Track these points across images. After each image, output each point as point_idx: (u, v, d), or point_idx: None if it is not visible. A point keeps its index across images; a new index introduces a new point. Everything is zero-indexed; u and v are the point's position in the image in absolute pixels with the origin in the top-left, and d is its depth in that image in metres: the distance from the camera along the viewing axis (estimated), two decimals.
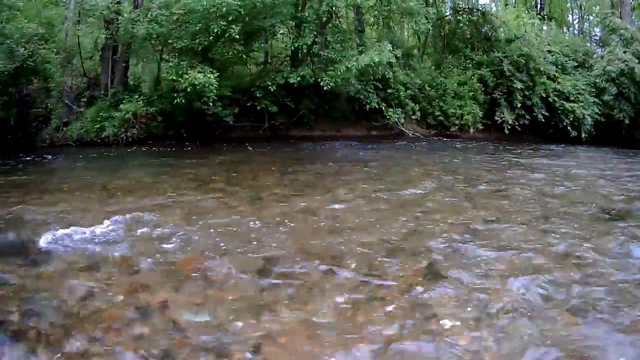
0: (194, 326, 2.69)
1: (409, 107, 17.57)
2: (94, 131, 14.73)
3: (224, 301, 3.02)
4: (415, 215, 5.39)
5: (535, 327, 2.68)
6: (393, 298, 3.07)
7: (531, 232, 4.66)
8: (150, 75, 17.08)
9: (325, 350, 2.44)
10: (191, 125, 15.15)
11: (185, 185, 7.14)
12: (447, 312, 2.86)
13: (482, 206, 5.93)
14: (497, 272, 3.50)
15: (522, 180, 8.43)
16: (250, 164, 10.17)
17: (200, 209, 5.39)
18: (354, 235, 4.49)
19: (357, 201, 6.23)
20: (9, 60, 13.83)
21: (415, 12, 17.46)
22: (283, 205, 5.84)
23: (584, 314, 2.89)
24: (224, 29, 12.64)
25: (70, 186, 7.56)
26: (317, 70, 15.02)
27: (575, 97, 20.70)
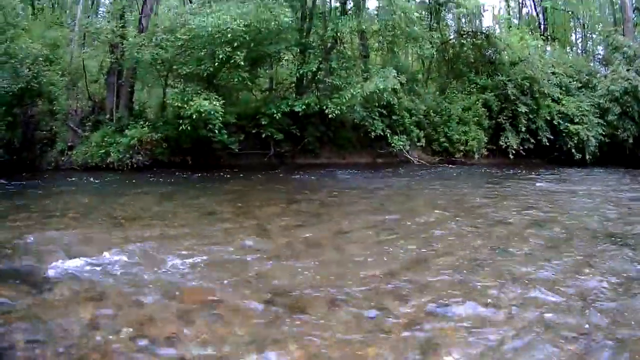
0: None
1: (414, 134, 17.69)
2: (99, 156, 14.78)
3: (231, 334, 2.97)
4: (417, 245, 5.35)
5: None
6: (398, 331, 3.03)
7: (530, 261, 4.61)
8: (156, 101, 17.10)
9: None
10: (197, 152, 15.22)
11: (191, 215, 7.10)
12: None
13: (485, 235, 5.87)
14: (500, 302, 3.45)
15: (519, 204, 8.52)
16: (256, 193, 10.18)
17: (206, 240, 5.33)
18: (357, 268, 4.44)
19: (361, 232, 6.19)
20: (13, 81, 14.04)
21: (420, 37, 17.69)
22: (289, 234, 5.81)
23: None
24: (229, 55, 12.73)
25: (76, 213, 7.55)
26: (322, 97, 15.18)
27: (580, 119, 20.79)
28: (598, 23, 32.72)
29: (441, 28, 22.05)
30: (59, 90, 16.05)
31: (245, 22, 12.54)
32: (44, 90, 15.21)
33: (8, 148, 14.78)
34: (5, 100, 14.33)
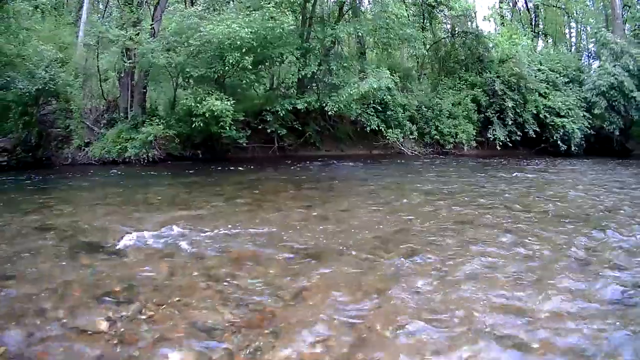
0: (252, 287, 3.95)
1: (407, 128, 18.96)
2: (116, 151, 15.93)
3: (270, 272, 4.27)
4: (396, 218, 6.75)
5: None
6: (383, 269, 4.38)
7: (492, 232, 5.92)
8: (167, 100, 18.27)
9: (343, 296, 3.67)
10: (207, 146, 16.43)
11: (218, 200, 8.40)
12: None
13: (453, 213, 7.22)
14: (450, 262, 4.73)
15: (495, 191, 9.79)
16: (267, 182, 11.45)
17: (235, 217, 6.63)
18: (355, 233, 5.81)
19: (358, 210, 7.58)
20: (30, 82, 14.85)
21: (412, 38, 18.88)
22: (298, 215, 7.15)
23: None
24: (238, 59, 13.93)
25: (115, 200, 8.75)
26: (322, 95, 16.40)
27: (566, 112, 22.09)
28: (590, 19, 33.53)
29: (434, 28, 23.27)
30: (74, 91, 17.15)
31: (252, 30, 13.77)
32: (60, 91, 16.11)
33: (25, 145, 15.50)
34: (22, 100, 15.11)
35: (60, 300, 3.69)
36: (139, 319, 3.35)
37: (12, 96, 15.15)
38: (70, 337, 3.09)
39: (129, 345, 2.98)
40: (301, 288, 3.90)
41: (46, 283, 4.09)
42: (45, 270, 4.49)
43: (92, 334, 3.14)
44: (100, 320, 3.33)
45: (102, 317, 3.37)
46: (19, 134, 15.43)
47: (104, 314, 3.43)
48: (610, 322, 3.21)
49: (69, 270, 4.47)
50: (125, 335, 3.10)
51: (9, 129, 15.50)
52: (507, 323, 3.21)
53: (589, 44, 33.14)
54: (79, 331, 3.18)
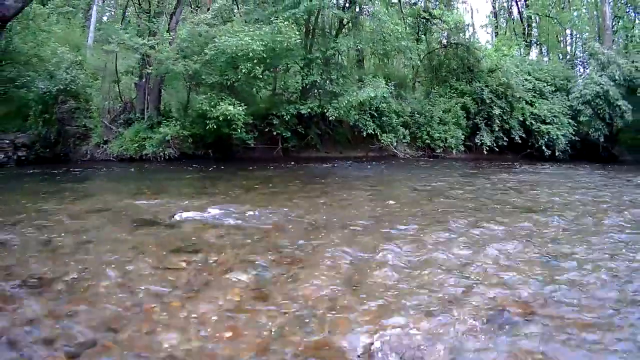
0: (282, 244, 5.51)
1: (401, 132, 20.39)
2: (133, 149, 17.26)
3: (293, 236, 5.83)
4: (388, 205, 8.37)
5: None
6: (375, 236, 5.94)
7: (459, 216, 7.50)
8: (180, 103, 19.67)
9: (345, 249, 5.21)
10: (217, 146, 17.75)
11: (239, 190, 10.01)
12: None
13: (433, 203, 8.85)
14: (421, 231, 6.29)
15: (471, 188, 11.37)
16: (277, 178, 13.03)
17: (258, 204, 8.19)
18: (351, 210, 7.41)
19: (356, 200, 9.20)
20: (50, 82, 15.94)
21: (408, 49, 20.48)
22: (308, 200, 8.77)
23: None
24: (250, 69, 15.46)
25: (150, 190, 10.25)
26: (323, 101, 17.94)
27: (551, 120, 23.10)
28: (586, 27, 34.98)
29: (427, 40, 24.77)
30: (94, 92, 18.57)
31: (263, 42, 15.34)
32: (80, 92, 17.11)
33: (44, 142, 16.45)
34: (43, 99, 16.16)
35: (142, 254, 5.15)
36: (207, 261, 4.90)
37: (33, 95, 16.30)
38: (161, 272, 4.60)
39: (205, 274, 4.52)
40: (316, 245, 5.50)
41: (124, 245, 5.52)
42: (118, 237, 5.94)
43: (176, 269, 4.67)
44: (179, 261, 4.86)
45: (180, 260, 4.91)
46: (38, 131, 16.36)
47: (180, 259, 4.97)
48: (537, 272, 4.78)
49: (139, 236, 5.96)
50: (200, 270, 4.63)
51: (29, 126, 16.46)
52: (449, 262, 4.81)
53: (582, 53, 33.88)
54: (166, 268, 4.69)
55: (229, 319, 3.45)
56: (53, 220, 6.90)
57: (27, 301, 3.74)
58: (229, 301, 3.80)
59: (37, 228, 6.25)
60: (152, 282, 4.25)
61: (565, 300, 3.86)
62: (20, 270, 4.48)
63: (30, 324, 3.32)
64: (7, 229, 6.17)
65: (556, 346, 3.06)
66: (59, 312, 3.55)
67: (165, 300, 3.81)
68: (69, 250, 5.28)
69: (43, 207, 7.97)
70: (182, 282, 4.28)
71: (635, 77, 23.17)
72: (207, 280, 4.30)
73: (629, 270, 4.67)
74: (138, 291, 4.01)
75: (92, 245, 5.55)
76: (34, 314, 3.50)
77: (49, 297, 3.85)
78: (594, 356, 2.94)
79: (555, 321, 3.43)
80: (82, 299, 3.82)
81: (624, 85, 23.18)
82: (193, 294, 3.95)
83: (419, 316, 3.47)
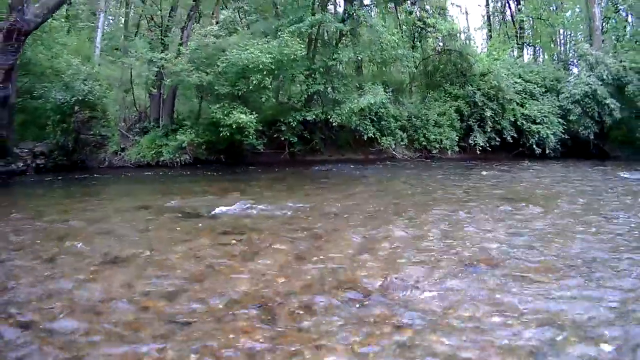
0: (306, 226, 6.90)
1: (399, 135, 21.68)
2: (150, 156, 18.32)
3: (312, 222, 7.22)
4: (389, 198, 9.82)
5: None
6: (380, 219, 7.34)
7: (446, 202, 8.93)
8: (191, 112, 20.91)
9: (357, 229, 6.61)
10: (229, 152, 18.91)
11: (259, 189, 11.47)
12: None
13: (426, 196, 10.29)
14: (417, 216, 7.71)
15: (461, 183, 12.83)
16: (289, 178, 14.56)
17: (280, 199, 9.61)
18: (358, 203, 8.83)
19: (359, 195, 10.67)
20: (67, 93, 16.46)
21: (404, 57, 21.89)
22: (320, 195, 10.22)
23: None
24: (260, 80, 16.84)
25: (178, 190, 11.53)
26: (327, 108, 19.34)
27: (541, 120, 24.10)
28: (577, 29, 35.48)
29: (422, 47, 26.10)
30: (109, 102, 19.75)
31: (271, 55, 16.76)
32: (96, 102, 17.66)
33: (61, 150, 17.10)
34: (61, 109, 16.74)
35: (197, 236, 6.48)
36: (252, 239, 6.30)
37: (51, 105, 16.87)
38: (217, 246, 5.97)
39: (253, 247, 5.91)
40: (334, 227, 6.96)
41: (178, 230, 6.89)
42: (170, 226, 7.31)
43: (229, 244, 6.06)
44: (230, 240, 6.26)
45: (230, 239, 6.31)
46: (56, 140, 16.96)
47: (230, 238, 6.35)
48: (503, 241, 6.18)
49: (188, 225, 7.29)
50: (248, 244, 6.03)
51: (47, 135, 17.08)
52: (438, 235, 6.22)
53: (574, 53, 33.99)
54: (220, 244, 6.06)
55: (280, 272, 4.86)
56: (103, 215, 8.28)
57: (116, 272, 4.95)
58: (276, 262, 5.22)
59: (93, 221, 7.58)
60: (213, 254, 5.63)
61: (519, 258, 5.26)
62: (95, 253, 5.63)
63: (128, 286, 4.51)
64: (65, 224, 7.45)
65: (509, 282, 4.46)
66: (146, 277, 4.79)
67: (229, 264, 5.21)
68: (132, 236, 6.61)
69: (88, 207, 9.25)
70: (237, 252, 5.69)
71: (623, 76, 24.05)
72: (256, 250, 5.73)
73: (573, 241, 6.12)
74: (204, 260, 5.39)
75: (150, 232, 6.94)
76: (126, 279, 4.71)
77: (134, 268, 5.12)
78: (531, 287, 4.33)
79: (511, 270, 4.84)
80: (161, 267, 5.13)
81: (612, 84, 24.03)
82: (248, 259, 5.37)
83: (414, 267, 4.91)
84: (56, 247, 5.91)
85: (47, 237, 6.50)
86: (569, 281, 4.46)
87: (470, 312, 3.76)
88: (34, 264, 5.20)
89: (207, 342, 3.29)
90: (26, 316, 3.76)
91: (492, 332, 3.38)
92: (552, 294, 4.11)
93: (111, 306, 3.99)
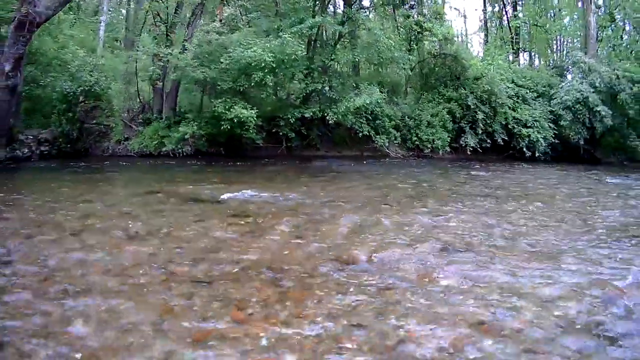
0: (308, 211, 7.69)
1: (392, 134, 22.43)
2: (153, 146, 19.06)
3: (314, 208, 8.01)
4: (381, 191, 10.66)
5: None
6: (372, 207, 8.13)
7: (433, 196, 9.75)
8: (192, 105, 21.58)
9: (352, 216, 7.40)
10: (229, 145, 19.65)
11: (261, 180, 12.30)
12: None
13: (413, 189, 11.12)
14: (405, 206, 8.52)
15: (448, 180, 13.68)
16: (287, 171, 15.32)
17: (281, 187, 10.43)
18: (352, 194, 9.64)
19: (355, 188, 11.46)
20: (73, 83, 17.28)
21: (401, 60, 22.71)
22: (318, 187, 11.03)
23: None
24: (261, 77, 17.60)
25: (185, 179, 12.24)
26: (324, 106, 20.14)
27: (532, 124, 24.72)
28: (575, 35, 36.81)
29: (419, 50, 26.82)
30: (114, 93, 20.41)
31: (273, 54, 17.52)
32: (101, 93, 18.73)
33: (66, 138, 17.86)
34: (67, 99, 17.53)
35: (208, 217, 7.28)
36: (257, 221, 7.09)
37: (57, 95, 17.65)
38: (227, 226, 6.72)
39: (259, 227, 6.69)
40: (331, 213, 7.77)
41: (189, 212, 7.66)
42: (181, 208, 8.12)
43: (238, 224, 6.83)
44: (238, 221, 7.04)
45: (238, 220, 7.09)
46: (61, 128, 17.70)
47: (238, 219, 7.13)
48: (478, 229, 6.99)
49: (198, 208, 8.10)
50: (254, 225, 6.82)
51: (52, 123, 17.81)
52: (422, 222, 7.04)
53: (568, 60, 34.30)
54: (229, 224, 6.81)
55: (284, 247, 5.69)
56: (117, 199, 9.09)
57: (140, 245, 5.72)
58: (281, 239, 6.04)
59: (108, 203, 8.37)
60: (224, 232, 6.43)
61: (493, 244, 6.08)
62: (116, 230, 6.34)
63: (153, 255, 5.29)
64: (83, 204, 8.21)
65: (480, 261, 5.26)
66: (168, 248, 5.57)
67: (240, 239, 6.02)
68: (148, 217, 7.37)
69: (101, 191, 10.17)
70: (246, 231, 6.50)
71: (615, 84, 24.79)
72: (262, 230, 6.53)
73: (539, 230, 6.96)
74: (217, 236, 6.18)
75: (164, 212, 7.72)
76: (149, 250, 5.48)
77: (156, 242, 5.88)
78: (500, 266, 5.13)
79: (484, 252, 5.65)
80: (179, 241, 5.88)
81: (605, 91, 24.74)
82: (256, 236, 6.18)
83: (400, 247, 5.72)
84: (79, 224, 6.64)
85: (68, 216, 7.20)
86: (535, 264, 5.21)
87: (444, 280, 4.56)
88: (61, 237, 5.93)
89: (228, 295, 4.07)
90: (63, 278, 4.46)
91: (461, 295, 4.18)
92: (518, 272, 4.87)
93: (140, 270, 4.74)
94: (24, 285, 4.22)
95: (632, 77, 25.19)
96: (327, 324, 3.51)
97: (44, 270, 4.63)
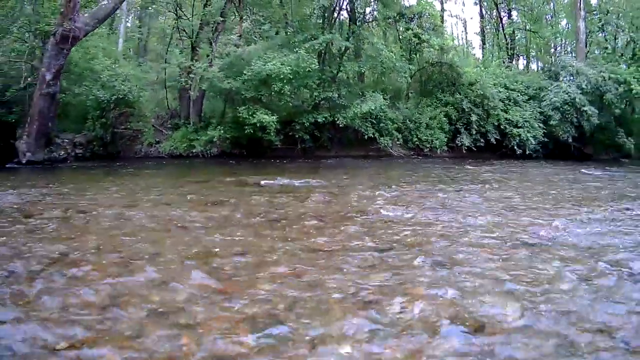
0: (320, 190, 10.31)
1: (395, 136, 24.87)
2: (183, 148, 21.48)
3: (329, 191, 10.62)
4: (381, 181, 13.33)
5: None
6: (376, 193, 10.73)
7: (425, 185, 12.35)
8: (215, 112, 24.14)
9: (357, 199, 10.00)
10: (250, 146, 22.03)
11: (287, 172, 14.88)
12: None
13: (414, 179, 13.74)
14: (402, 190, 11.13)
15: (441, 172, 16.27)
16: (304, 168, 17.80)
17: (306, 176, 13.06)
18: (362, 185, 12.28)
19: (363, 180, 14.08)
20: (106, 92, 18.61)
21: (402, 69, 25.35)
22: (332, 176, 13.66)
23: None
24: (280, 88, 20.25)
25: (224, 173, 14.80)
26: (334, 112, 22.79)
27: (522, 124, 26.86)
28: (570, 39, 38.63)
29: (417, 59, 29.24)
30: (145, 101, 22.10)
31: (290, 67, 20.18)
32: (134, 100, 19.97)
33: (100, 141, 19.33)
34: (101, 106, 19.05)
35: (256, 195, 9.86)
36: (295, 195, 9.71)
37: (91, 102, 18.99)
38: (277, 200, 9.36)
39: (299, 198, 9.31)
40: (345, 191, 10.49)
41: (242, 194, 10.27)
42: (233, 189, 10.80)
43: (284, 197, 9.45)
44: (281, 196, 9.66)
45: (281, 197, 9.70)
46: (95, 132, 19.09)
47: (280, 196, 9.76)
48: (463, 216, 9.61)
49: (246, 191, 10.69)
50: (296, 198, 9.44)
51: (87, 128, 19.19)
52: (412, 199, 9.68)
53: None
54: (276, 198, 9.45)
55: (321, 206, 8.36)
56: (180, 191, 11.43)
57: (221, 210, 8.45)
58: (318, 203, 8.78)
59: (186, 192, 11.10)
60: (277, 200, 9.11)
61: (470, 210, 8.71)
62: (197, 206, 9.20)
63: (233, 214, 8.05)
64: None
65: (459, 218, 7.89)
66: (245, 210, 8.19)
67: (291, 203, 8.79)
68: (212, 198, 10.06)
69: (157, 181, 12.86)
70: (291, 198, 9.27)
71: (602, 85, 27.04)
72: (302, 200, 9.26)
73: (517, 215, 9.60)
74: (273, 203, 8.84)
75: (228, 192, 10.38)
76: (230, 211, 8.18)
77: (232, 207, 8.56)
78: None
79: (454, 208, 8.27)
80: (246, 205, 8.52)
81: (593, 92, 26.93)
82: (300, 202, 8.94)
83: (398, 207, 8.40)
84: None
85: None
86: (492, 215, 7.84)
87: (432, 225, 7.21)
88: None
89: (291, 235, 6.66)
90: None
91: (422, 227, 6.82)
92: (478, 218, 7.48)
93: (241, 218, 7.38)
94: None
95: (617, 79, 27.47)
96: (349, 238, 6.18)
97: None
